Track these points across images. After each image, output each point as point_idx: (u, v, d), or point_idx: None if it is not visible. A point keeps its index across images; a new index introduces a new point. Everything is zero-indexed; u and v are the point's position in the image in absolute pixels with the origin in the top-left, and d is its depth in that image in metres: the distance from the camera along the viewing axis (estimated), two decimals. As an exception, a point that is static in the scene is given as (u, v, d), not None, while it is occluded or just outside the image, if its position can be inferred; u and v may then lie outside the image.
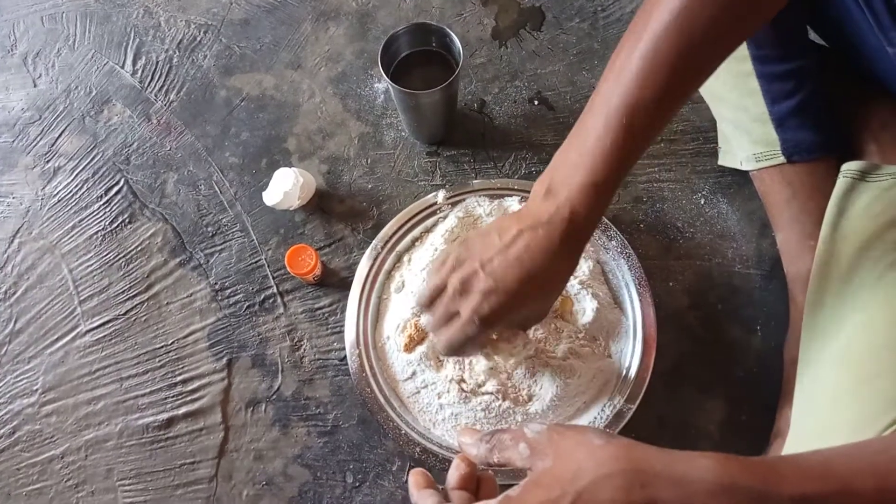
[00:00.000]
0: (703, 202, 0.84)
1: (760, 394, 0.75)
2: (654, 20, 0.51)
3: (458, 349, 0.58)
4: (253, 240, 0.85)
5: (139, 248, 0.86)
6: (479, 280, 0.55)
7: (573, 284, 0.73)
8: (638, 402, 0.69)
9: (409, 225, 0.77)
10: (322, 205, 0.86)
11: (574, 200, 0.53)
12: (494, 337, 0.62)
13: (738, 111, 0.74)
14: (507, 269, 0.54)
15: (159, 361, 0.81)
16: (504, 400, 0.68)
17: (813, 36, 0.76)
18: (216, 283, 0.84)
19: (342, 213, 0.86)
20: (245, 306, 0.83)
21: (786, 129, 0.72)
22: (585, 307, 0.71)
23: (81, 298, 0.85)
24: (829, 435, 0.54)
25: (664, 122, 0.54)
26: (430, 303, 0.59)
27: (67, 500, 0.77)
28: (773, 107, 0.71)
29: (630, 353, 0.71)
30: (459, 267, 0.57)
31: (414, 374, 0.71)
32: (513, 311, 0.56)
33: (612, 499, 0.38)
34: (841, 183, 0.66)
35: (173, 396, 0.80)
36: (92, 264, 0.86)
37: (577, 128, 0.55)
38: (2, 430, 0.80)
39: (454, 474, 0.48)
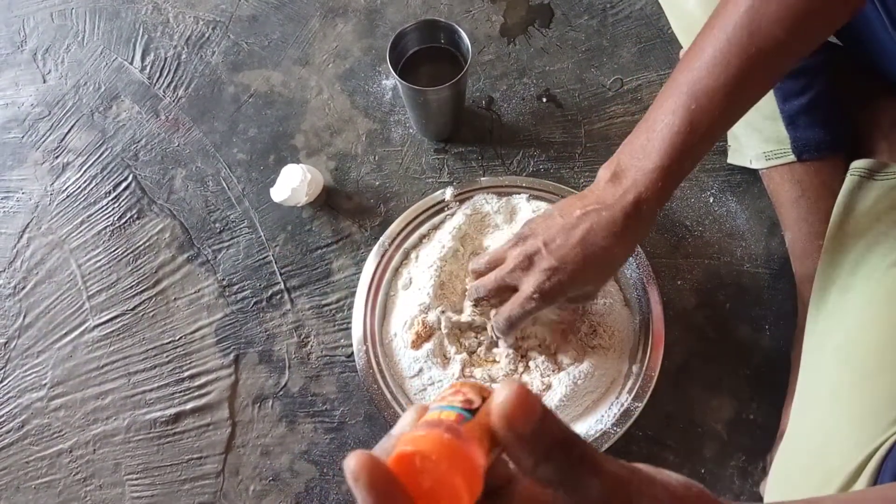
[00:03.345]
0: (711, 200, 0.84)
1: (768, 393, 0.75)
2: (726, 14, 0.51)
3: (516, 324, 0.60)
4: (260, 236, 0.86)
5: (147, 244, 0.86)
6: (542, 258, 0.56)
7: None
8: (645, 400, 0.69)
9: (416, 222, 0.77)
10: (329, 201, 0.86)
11: (640, 185, 0.53)
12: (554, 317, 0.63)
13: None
14: (571, 249, 0.55)
15: (167, 357, 0.82)
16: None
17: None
18: (224, 279, 0.84)
19: (350, 209, 0.86)
20: (252, 302, 0.83)
21: (796, 126, 0.71)
22: (598, 304, 0.71)
23: (90, 293, 0.85)
24: (830, 430, 0.54)
25: (731, 115, 0.54)
26: (485, 271, 0.61)
27: (75, 493, 0.78)
28: (783, 104, 0.71)
29: (638, 352, 0.71)
30: (521, 244, 0.58)
31: (421, 370, 0.71)
32: (571, 290, 0.57)
33: None
34: (849, 181, 0.66)
35: (181, 392, 0.80)
36: (100, 260, 0.86)
37: (647, 115, 0.55)
38: (11, 424, 0.81)
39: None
